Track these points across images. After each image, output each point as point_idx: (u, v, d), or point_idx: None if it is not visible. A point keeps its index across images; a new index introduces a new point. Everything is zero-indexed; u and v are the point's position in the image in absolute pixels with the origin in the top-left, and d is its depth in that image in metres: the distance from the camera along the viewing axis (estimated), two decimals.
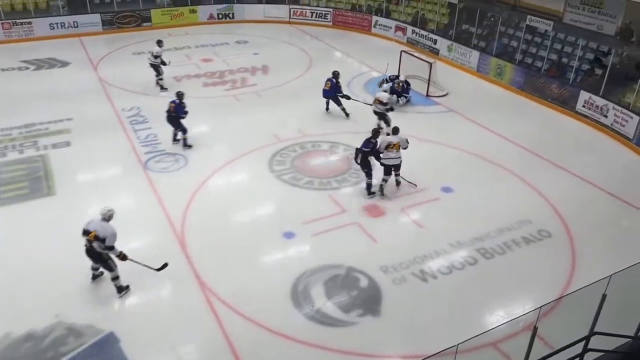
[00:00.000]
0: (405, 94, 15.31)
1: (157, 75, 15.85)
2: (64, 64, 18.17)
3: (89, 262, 8.09)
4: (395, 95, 14.69)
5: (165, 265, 8.23)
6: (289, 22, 23.89)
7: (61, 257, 8.76)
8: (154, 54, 15.49)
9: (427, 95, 16.10)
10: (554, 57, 16.40)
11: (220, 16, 23.76)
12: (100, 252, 7.73)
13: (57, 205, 10.32)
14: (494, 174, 11.88)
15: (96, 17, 21.56)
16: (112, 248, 7.70)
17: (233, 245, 9.31)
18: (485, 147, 12.99)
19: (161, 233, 9.54)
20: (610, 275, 5.96)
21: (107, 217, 7.80)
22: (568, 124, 14.86)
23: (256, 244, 9.35)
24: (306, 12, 23.87)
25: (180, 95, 12.12)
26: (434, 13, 20.95)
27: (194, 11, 23.30)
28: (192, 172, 11.48)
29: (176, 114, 12.06)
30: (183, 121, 12.19)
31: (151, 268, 8.13)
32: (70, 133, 13.09)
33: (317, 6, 23.86)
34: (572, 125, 14.74)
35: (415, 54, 17.43)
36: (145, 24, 22.41)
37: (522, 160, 12.47)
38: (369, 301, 8.13)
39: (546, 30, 16.71)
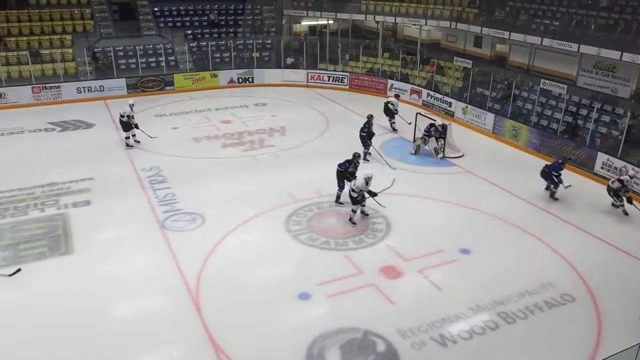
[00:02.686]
0: (443, 136, 16.10)
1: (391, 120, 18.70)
2: (89, 125, 18.78)
3: (101, 323, 8.23)
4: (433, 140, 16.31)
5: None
6: (307, 86, 24.60)
7: (76, 315, 8.73)
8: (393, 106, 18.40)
9: (444, 156, 16.18)
10: (569, 119, 16.50)
11: (241, 80, 24.60)
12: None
13: (74, 263, 10.36)
14: (513, 236, 11.69)
15: (121, 82, 22.48)
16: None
17: (248, 306, 9.16)
18: (503, 208, 12.86)
19: (176, 293, 9.45)
20: None
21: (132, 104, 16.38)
22: (586, 185, 14.70)
23: (272, 305, 9.19)
24: (323, 76, 24.61)
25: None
26: (449, 77, 21.42)
27: (215, 75, 24.17)
28: (208, 231, 11.51)
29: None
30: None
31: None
32: (91, 192, 13.33)
33: (334, 70, 24.60)
34: (590, 187, 14.58)
35: (431, 116, 17.67)
36: (168, 88, 23.26)
37: (541, 222, 12.29)
38: None
39: (560, 94, 16.91)
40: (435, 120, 16.41)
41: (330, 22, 27.10)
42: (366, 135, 15.69)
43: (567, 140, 15.95)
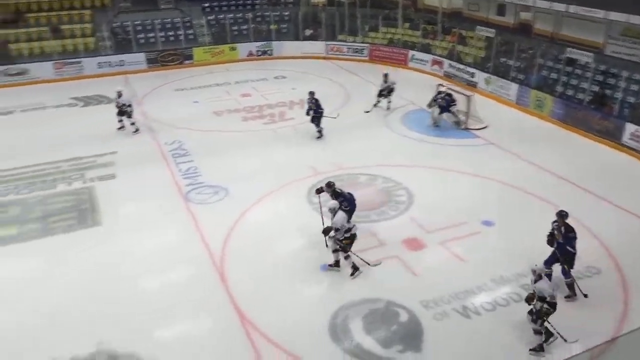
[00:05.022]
0: (453, 103, 15.89)
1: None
2: (110, 100, 18.76)
3: (128, 292, 8.69)
4: (443, 112, 15.99)
5: None
6: (326, 58, 24.33)
7: (103, 285, 8.99)
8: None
9: (466, 128, 15.96)
10: (596, 88, 16.07)
11: (260, 53, 24.46)
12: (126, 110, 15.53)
13: (101, 235, 10.59)
14: (536, 208, 11.55)
15: (141, 56, 22.54)
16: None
17: (272, 276, 9.30)
18: (527, 180, 12.70)
19: (201, 264, 9.63)
20: None
21: (120, 94, 15.34)
22: (613, 156, 14.41)
23: (295, 276, 9.32)
24: (342, 47, 24.30)
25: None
26: (471, 47, 20.98)
27: (234, 49, 24.06)
28: (231, 204, 11.63)
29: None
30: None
31: None
32: (115, 166, 13.52)
33: (354, 42, 24.26)
34: (618, 158, 14.28)
35: (452, 87, 17.39)
36: (187, 62, 23.24)
37: (565, 194, 12.09)
38: (410, 337, 7.92)
39: (587, 62, 16.46)
40: (443, 86, 16.23)
41: None
42: (306, 111, 15.09)
43: (594, 110, 15.57)
